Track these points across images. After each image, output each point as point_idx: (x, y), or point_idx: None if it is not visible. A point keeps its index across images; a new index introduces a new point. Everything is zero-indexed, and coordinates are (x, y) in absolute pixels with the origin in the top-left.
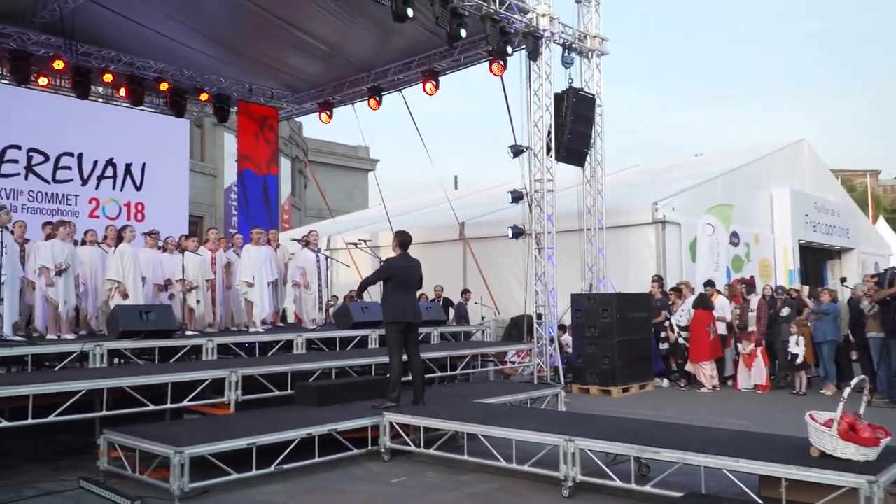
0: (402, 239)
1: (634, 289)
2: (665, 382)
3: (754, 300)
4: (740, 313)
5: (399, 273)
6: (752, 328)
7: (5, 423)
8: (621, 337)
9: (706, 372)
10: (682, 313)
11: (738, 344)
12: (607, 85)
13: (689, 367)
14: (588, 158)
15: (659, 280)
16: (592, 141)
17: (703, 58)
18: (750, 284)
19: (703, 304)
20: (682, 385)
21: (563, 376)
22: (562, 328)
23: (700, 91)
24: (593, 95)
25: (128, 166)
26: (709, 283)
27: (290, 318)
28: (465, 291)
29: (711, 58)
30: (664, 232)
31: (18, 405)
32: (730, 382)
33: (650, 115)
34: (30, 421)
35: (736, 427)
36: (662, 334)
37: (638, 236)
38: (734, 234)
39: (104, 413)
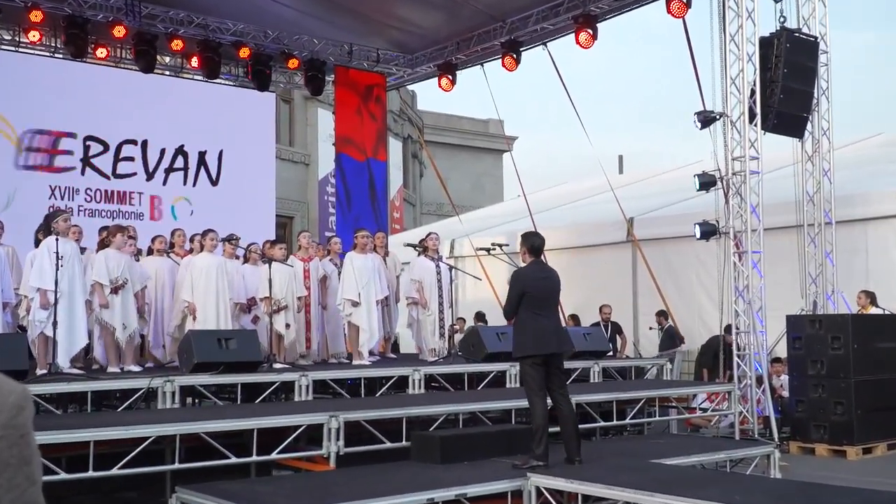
0: (532, 242)
1: (880, 308)
2: None
3: None
4: None
5: (532, 288)
6: None
7: (63, 475)
8: (861, 376)
9: None
10: None
11: None
12: (836, 25)
13: None
14: (808, 126)
15: None
16: (815, 102)
17: None
18: None
19: None
20: None
21: (778, 430)
22: (775, 363)
23: None
24: (815, 38)
25: (201, 155)
26: None
27: (405, 348)
28: (662, 313)
29: None
30: None
31: (77, 453)
32: None
33: None
34: (90, 473)
35: None
36: None
37: (883, 234)
38: None
39: (177, 466)
